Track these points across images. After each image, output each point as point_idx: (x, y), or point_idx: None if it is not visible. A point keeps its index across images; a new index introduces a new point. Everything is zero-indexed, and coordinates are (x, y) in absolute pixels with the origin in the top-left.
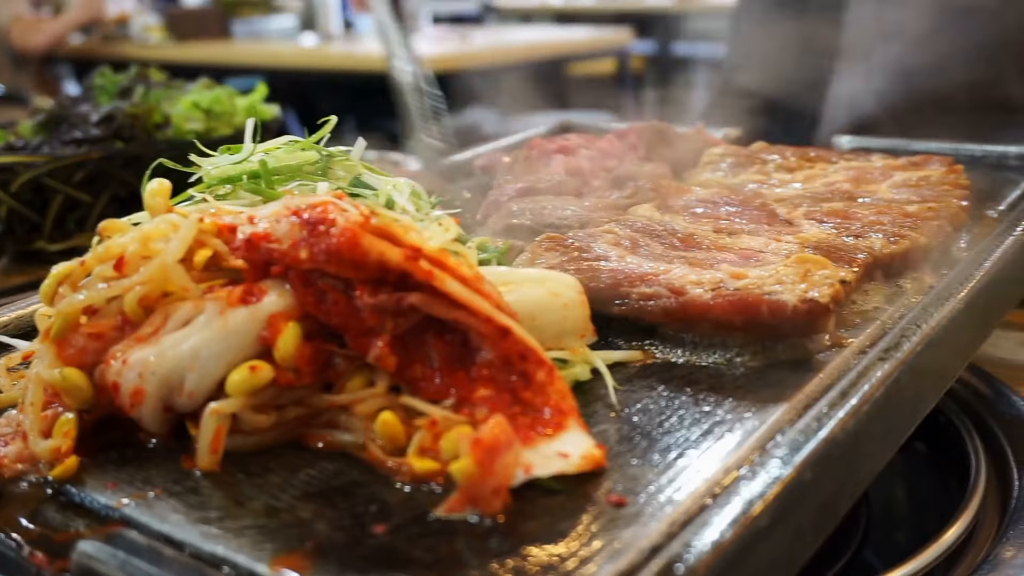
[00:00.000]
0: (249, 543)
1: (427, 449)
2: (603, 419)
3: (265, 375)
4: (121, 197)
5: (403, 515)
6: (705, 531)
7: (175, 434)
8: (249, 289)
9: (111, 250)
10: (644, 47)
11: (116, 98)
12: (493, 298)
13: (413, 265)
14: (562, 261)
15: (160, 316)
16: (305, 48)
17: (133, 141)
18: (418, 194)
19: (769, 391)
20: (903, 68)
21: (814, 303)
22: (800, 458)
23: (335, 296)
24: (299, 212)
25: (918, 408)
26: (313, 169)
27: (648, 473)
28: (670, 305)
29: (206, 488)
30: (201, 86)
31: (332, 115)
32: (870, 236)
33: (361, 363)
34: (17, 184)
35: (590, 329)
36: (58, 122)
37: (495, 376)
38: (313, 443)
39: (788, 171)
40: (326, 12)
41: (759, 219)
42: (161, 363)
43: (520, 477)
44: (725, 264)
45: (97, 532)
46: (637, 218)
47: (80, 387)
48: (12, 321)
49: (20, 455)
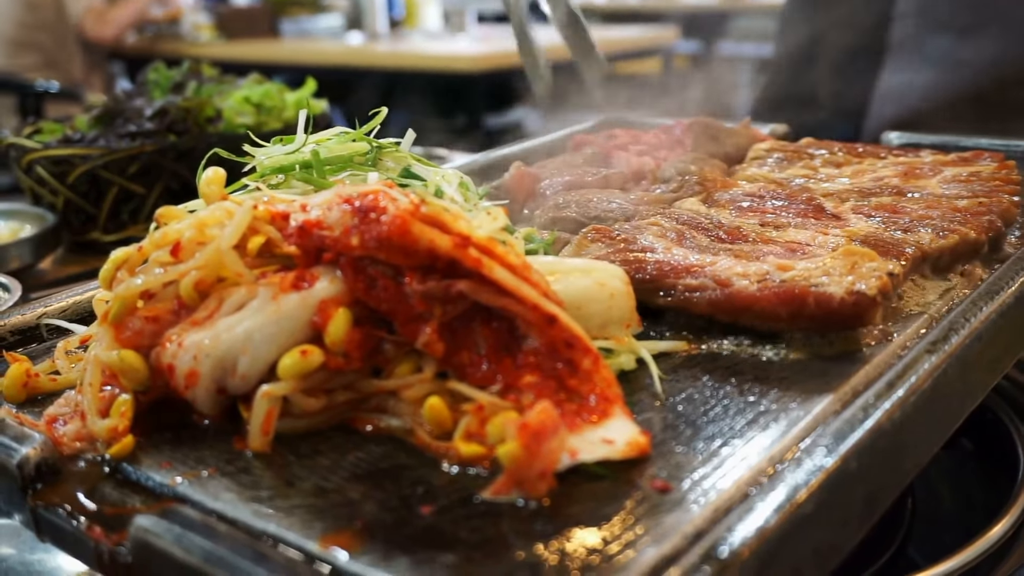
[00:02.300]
0: (299, 522)
1: (473, 433)
2: (648, 408)
3: (316, 359)
4: (173, 189)
5: (449, 497)
6: (749, 517)
7: (228, 416)
8: (301, 275)
9: (168, 236)
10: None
11: (169, 93)
12: (540, 286)
13: (462, 252)
14: (608, 252)
15: (215, 300)
16: (352, 46)
17: (185, 135)
18: (466, 185)
19: (815, 382)
20: (953, 61)
21: (861, 295)
22: (846, 447)
23: (385, 283)
24: (351, 200)
25: (965, 402)
26: (363, 160)
27: (692, 460)
28: (716, 297)
29: (257, 468)
30: (252, 81)
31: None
32: (919, 230)
33: (409, 349)
34: (74, 176)
35: (636, 319)
36: (113, 116)
37: (541, 363)
38: (361, 426)
39: (836, 166)
40: (373, 11)
41: (806, 213)
42: (215, 346)
43: (566, 462)
44: (771, 256)
45: (152, 508)
46: (683, 211)
47: (136, 369)
48: (70, 307)
49: (78, 434)
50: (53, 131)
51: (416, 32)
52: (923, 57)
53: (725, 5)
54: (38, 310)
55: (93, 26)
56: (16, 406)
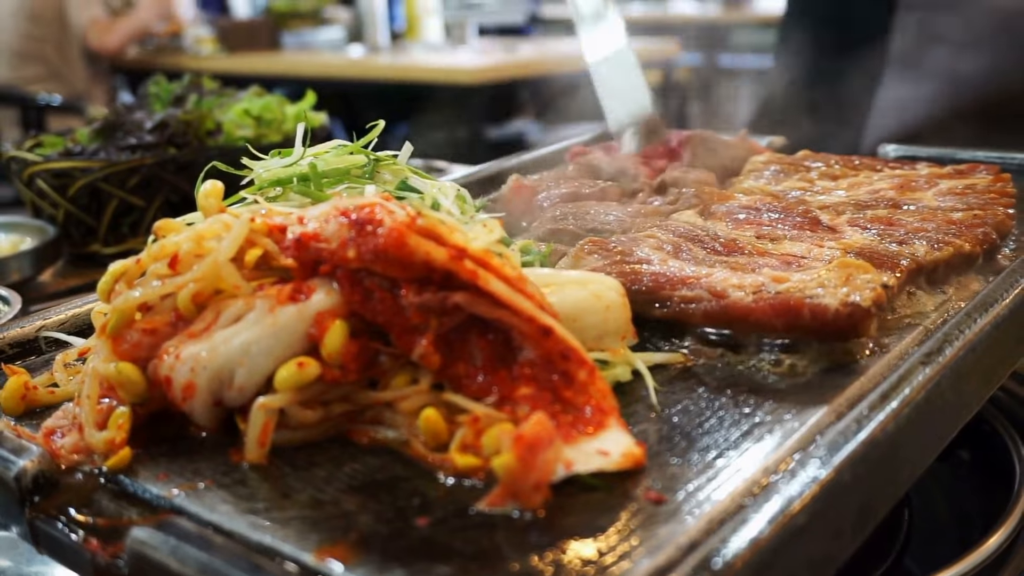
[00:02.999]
0: (295, 533)
1: (469, 445)
2: (643, 419)
3: (312, 371)
4: (173, 202)
5: (445, 509)
6: (743, 528)
7: (224, 428)
8: (298, 287)
9: (166, 248)
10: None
11: (169, 106)
12: (536, 298)
13: (458, 265)
14: (604, 264)
15: (212, 313)
16: (353, 59)
17: (186, 147)
18: (463, 197)
19: (809, 394)
20: (952, 74)
21: (856, 307)
22: (839, 459)
23: (381, 295)
24: (347, 213)
25: (960, 414)
26: (361, 172)
27: (687, 472)
28: (711, 308)
29: (254, 480)
30: (252, 94)
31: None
32: (914, 242)
33: (405, 361)
34: (74, 188)
35: (631, 331)
36: (114, 129)
37: (537, 375)
38: (358, 438)
39: (832, 179)
40: (374, 24)
41: (802, 225)
42: (212, 358)
43: (561, 473)
44: (767, 268)
45: (149, 520)
46: (679, 223)
47: (134, 381)
48: (69, 319)
49: (76, 446)
50: (54, 144)
51: (417, 45)
52: (922, 71)
53: (726, 18)
54: (37, 323)
55: (97, 38)
56: (14, 418)
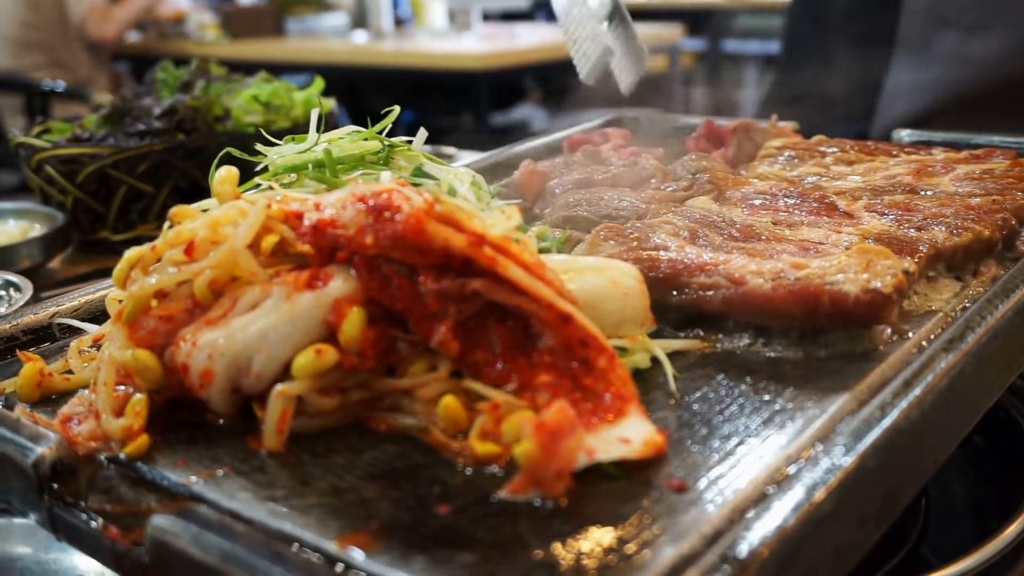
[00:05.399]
0: (315, 521)
1: (489, 432)
2: (663, 407)
3: (330, 358)
4: (182, 188)
5: (466, 497)
6: (767, 516)
7: (242, 415)
8: (315, 274)
9: (181, 235)
10: (695, 44)
11: (177, 92)
12: (555, 285)
13: (476, 251)
14: (621, 251)
15: (229, 300)
16: (357, 45)
17: (194, 133)
18: (478, 184)
19: (830, 381)
20: (961, 58)
21: (877, 293)
22: (864, 446)
23: (399, 281)
24: (365, 199)
25: (982, 400)
26: (376, 158)
27: (709, 460)
28: (730, 295)
29: (272, 467)
30: (260, 80)
31: (382, 111)
32: (932, 228)
33: (424, 348)
34: (83, 175)
35: (650, 318)
36: (122, 115)
37: (556, 362)
38: (376, 426)
39: (847, 164)
40: (378, 10)
41: (818, 211)
42: (230, 345)
43: (583, 461)
44: (785, 255)
45: (168, 508)
46: (695, 209)
47: (151, 368)
48: (82, 306)
49: (93, 433)
50: (62, 130)
51: (421, 31)
52: (931, 55)
53: (731, 3)
54: (51, 309)
55: (94, 27)
56: (30, 405)
